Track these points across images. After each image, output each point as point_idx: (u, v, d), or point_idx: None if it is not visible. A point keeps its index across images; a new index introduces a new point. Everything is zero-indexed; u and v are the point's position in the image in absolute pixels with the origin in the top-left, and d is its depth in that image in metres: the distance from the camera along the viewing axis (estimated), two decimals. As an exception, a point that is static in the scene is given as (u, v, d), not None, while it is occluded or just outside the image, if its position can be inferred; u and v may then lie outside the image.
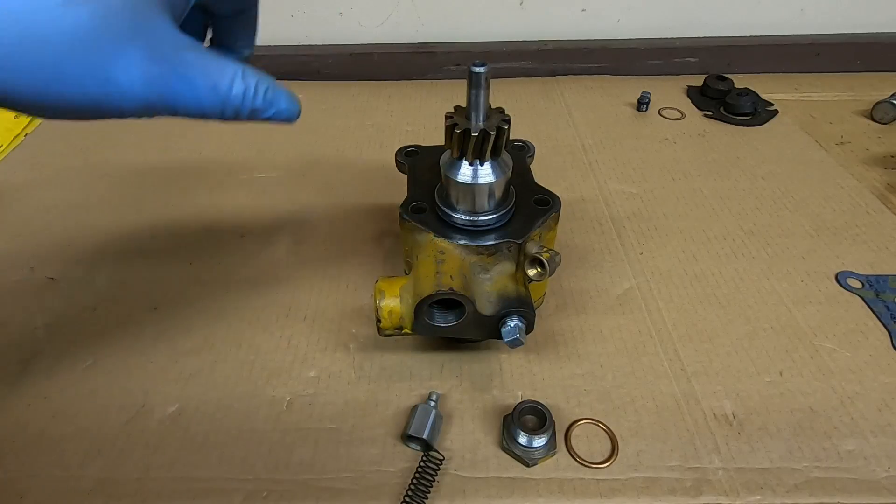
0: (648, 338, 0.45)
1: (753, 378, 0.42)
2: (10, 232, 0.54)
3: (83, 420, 0.39)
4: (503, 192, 0.38)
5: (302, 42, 0.85)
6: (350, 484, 0.35)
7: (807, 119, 0.73)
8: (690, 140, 0.69)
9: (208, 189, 0.60)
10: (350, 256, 0.52)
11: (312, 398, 0.40)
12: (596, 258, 0.52)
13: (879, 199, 0.59)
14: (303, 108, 0.30)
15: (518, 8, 0.83)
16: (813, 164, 0.65)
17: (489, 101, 0.35)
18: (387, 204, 0.58)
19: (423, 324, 0.36)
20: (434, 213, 0.40)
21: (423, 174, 0.43)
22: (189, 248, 0.53)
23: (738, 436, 0.38)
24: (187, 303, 0.47)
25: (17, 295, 0.48)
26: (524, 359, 0.43)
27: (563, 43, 0.84)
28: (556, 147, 0.67)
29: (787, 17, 0.85)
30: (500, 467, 0.36)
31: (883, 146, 0.68)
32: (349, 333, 0.45)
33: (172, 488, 0.35)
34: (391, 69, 0.83)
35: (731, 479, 0.36)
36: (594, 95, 0.79)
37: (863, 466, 0.36)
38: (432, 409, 0.37)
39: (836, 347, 0.44)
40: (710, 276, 0.50)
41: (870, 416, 0.39)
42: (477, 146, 0.36)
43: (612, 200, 0.59)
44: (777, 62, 0.84)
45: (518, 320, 0.36)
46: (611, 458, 0.37)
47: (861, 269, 0.50)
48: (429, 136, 0.69)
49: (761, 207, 0.58)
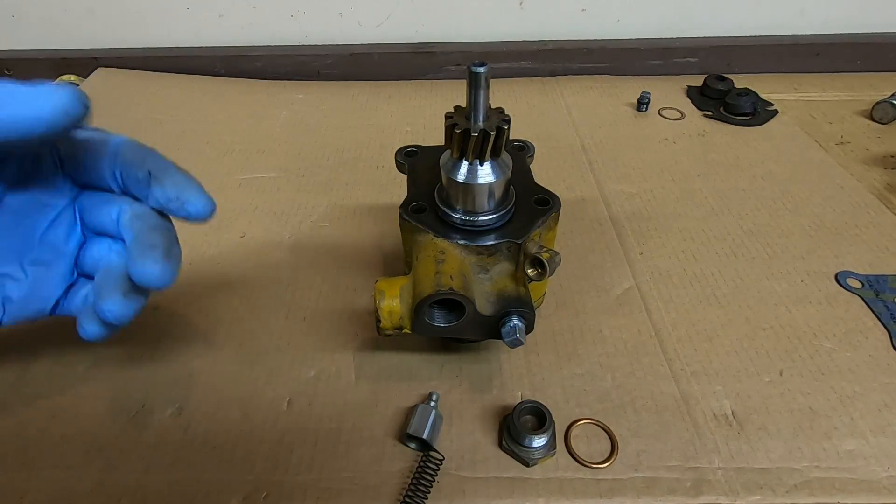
0: (648, 338, 0.45)
1: (753, 378, 0.42)
2: (10, 232, 0.54)
3: (83, 420, 0.39)
4: (503, 192, 0.38)
5: (302, 42, 0.85)
6: (349, 484, 0.35)
7: (807, 119, 0.73)
8: (690, 140, 0.69)
9: (208, 189, 0.60)
10: (350, 256, 0.52)
11: (312, 398, 0.40)
12: (596, 258, 0.52)
13: (879, 199, 0.59)
14: (303, 108, 0.30)
15: (518, 8, 0.83)
16: (813, 164, 0.65)
17: (489, 101, 0.35)
18: (387, 204, 0.58)
19: (422, 324, 0.36)
20: (434, 213, 0.40)
21: (423, 174, 0.43)
22: (189, 248, 0.53)
23: (737, 436, 0.38)
24: (187, 303, 0.47)
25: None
26: (524, 359, 0.43)
27: (563, 43, 0.84)
28: (556, 147, 0.67)
29: (787, 17, 0.85)
30: (499, 467, 0.36)
31: (883, 146, 0.68)
32: (349, 333, 0.45)
33: (172, 488, 0.35)
34: (391, 69, 0.83)
35: (731, 479, 0.36)
36: (594, 95, 0.79)
37: (863, 466, 0.36)
38: (432, 409, 0.37)
39: (835, 347, 0.44)
40: (710, 276, 0.50)
41: (870, 416, 0.39)
42: (477, 146, 0.36)
43: (612, 200, 0.59)
44: (777, 62, 0.84)
45: (518, 320, 0.36)
46: (610, 458, 0.37)
47: (861, 269, 0.50)
48: (429, 136, 0.69)
49: (761, 207, 0.58)
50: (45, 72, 0.82)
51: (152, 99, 0.77)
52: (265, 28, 0.84)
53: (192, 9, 0.82)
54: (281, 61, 0.83)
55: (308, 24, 0.84)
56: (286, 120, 0.72)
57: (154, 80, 0.81)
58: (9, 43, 0.84)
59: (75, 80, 0.81)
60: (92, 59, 0.83)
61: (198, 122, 0.72)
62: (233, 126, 0.71)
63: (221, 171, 0.63)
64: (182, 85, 0.80)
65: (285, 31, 0.84)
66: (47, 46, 0.85)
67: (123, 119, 0.72)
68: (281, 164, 0.64)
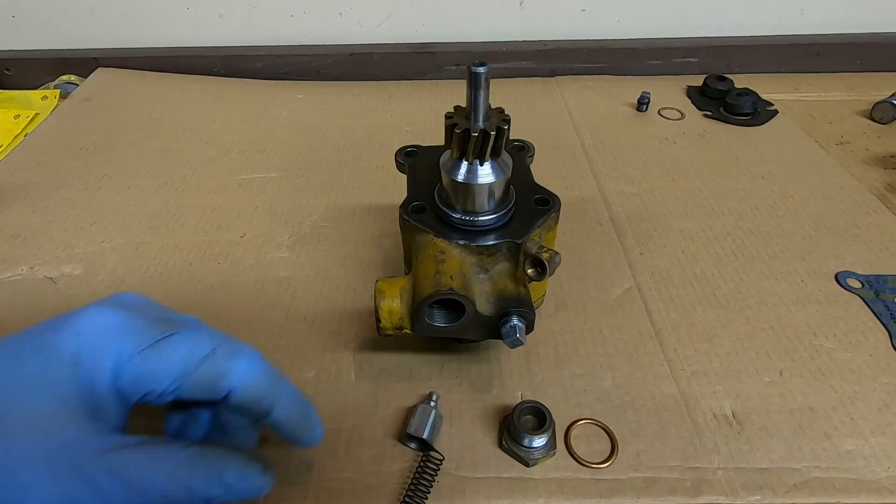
0: (648, 338, 0.45)
1: (753, 378, 0.42)
2: (10, 232, 0.54)
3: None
4: (503, 192, 0.38)
5: (302, 42, 0.85)
6: (349, 484, 0.35)
7: (807, 119, 0.73)
8: (690, 140, 0.69)
9: (208, 189, 0.60)
10: (350, 256, 0.52)
11: (312, 398, 0.40)
12: (596, 258, 0.52)
13: (879, 199, 0.59)
14: (303, 108, 0.30)
15: (518, 8, 0.83)
16: (813, 164, 0.65)
17: (489, 101, 0.35)
18: (387, 204, 0.58)
19: (422, 324, 0.36)
20: (434, 213, 0.40)
21: (423, 174, 0.43)
22: (189, 247, 0.53)
23: (737, 436, 0.38)
24: (187, 303, 0.47)
25: (17, 295, 0.48)
26: (524, 359, 0.43)
27: (563, 43, 0.84)
28: (556, 147, 0.67)
29: (787, 17, 0.85)
30: (499, 467, 0.36)
31: (883, 146, 0.68)
32: (349, 334, 0.45)
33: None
34: (391, 69, 0.83)
35: (731, 479, 0.36)
36: (594, 95, 0.79)
37: (863, 466, 0.36)
38: (432, 410, 0.37)
39: (835, 347, 0.44)
40: (710, 276, 0.50)
41: (870, 416, 0.39)
42: (477, 146, 0.36)
43: (612, 200, 0.59)
44: (777, 62, 0.84)
45: (518, 320, 0.36)
46: (610, 458, 0.37)
47: (861, 269, 0.50)
48: (429, 136, 0.69)
49: (761, 207, 0.58)
50: (45, 72, 0.82)
51: (152, 99, 0.77)
52: (265, 28, 0.84)
53: (192, 9, 0.82)
54: (281, 61, 0.82)
55: (308, 24, 0.84)
56: (286, 120, 0.72)
57: (154, 80, 0.81)
58: (9, 43, 0.84)
59: (75, 80, 0.81)
60: (92, 59, 0.83)
61: (198, 122, 0.72)
62: (233, 126, 0.71)
63: (221, 171, 0.63)
64: (182, 85, 0.80)
65: (285, 31, 0.84)
66: (47, 46, 0.84)
67: (123, 119, 0.72)
68: (281, 164, 0.64)
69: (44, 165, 0.64)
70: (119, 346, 0.24)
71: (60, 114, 0.73)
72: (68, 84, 0.81)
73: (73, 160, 0.65)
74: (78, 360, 0.23)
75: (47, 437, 0.22)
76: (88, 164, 0.64)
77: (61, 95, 0.77)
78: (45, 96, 0.77)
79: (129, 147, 0.67)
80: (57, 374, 0.22)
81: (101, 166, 0.64)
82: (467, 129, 0.35)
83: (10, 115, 0.72)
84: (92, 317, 0.24)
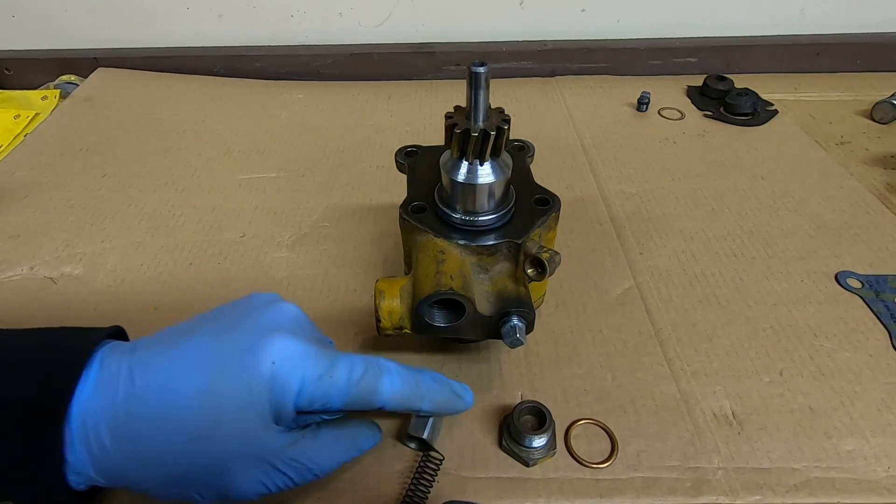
0: (648, 338, 0.45)
1: (753, 378, 0.42)
2: (10, 232, 0.54)
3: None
4: (503, 192, 0.38)
5: (301, 42, 0.85)
6: (349, 484, 0.35)
7: (807, 119, 0.73)
8: (690, 140, 0.69)
9: (208, 189, 0.60)
10: (350, 256, 0.52)
11: (312, 398, 0.40)
12: (596, 258, 0.52)
13: (879, 199, 0.59)
14: (303, 108, 0.30)
15: (518, 8, 0.83)
16: (813, 164, 0.65)
17: (489, 101, 0.35)
18: (387, 204, 0.58)
19: (422, 324, 0.36)
20: (434, 213, 0.40)
21: (423, 174, 0.43)
22: (189, 247, 0.53)
23: (737, 436, 0.38)
24: (187, 303, 0.47)
25: (17, 295, 0.48)
26: (524, 359, 0.43)
27: (563, 43, 0.84)
28: (556, 147, 0.67)
29: (787, 17, 0.85)
30: (499, 467, 0.36)
31: (883, 146, 0.68)
32: (349, 333, 0.45)
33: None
34: (391, 69, 0.83)
35: (731, 478, 0.36)
36: (594, 95, 0.79)
37: (863, 466, 0.36)
38: (432, 409, 0.37)
39: (836, 347, 0.44)
40: (710, 276, 0.50)
41: (870, 416, 0.39)
42: (477, 146, 0.36)
43: (612, 200, 0.59)
44: (777, 62, 0.84)
45: (518, 320, 0.36)
46: (610, 458, 0.37)
47: (861, 269, 0.50)
48: (429, 136, 0.69)
49: (761, 207, 0.58)
50: (45, 72, 0.82)
51: (152, 99, 0.77)
52: (265, 28, 0.84)
53: (192, 9, 0.82)
54: (281, 61, 0.82)
55: (308, 24, 0.84)
56: (286, 120, 0.72)
57: (154, 80, 0.81)
58: (9, 43, 0.84)
59: (75, 80, 0.81)
60: (92, 60, 0.83)
61: (198, 122, 0.72)
62: (233, 126, 0.71)
63: (221, 171, 0.63)
64: (182, 85, 0.80)
65: (285, 31, 0.84)
66: (47, 46, 0.84)
67: (123, 119, 0.72)
68: (281, 164, 0.64)
69: (44, 165, 0.64)
70: (302, 373, 0.30)
71: (60, 114, 0.73)
72: (68, 84, 0.81)
73: (73, 160, 0.65)
74: (272, 385, 0.29)
75: (249, 444, 0.29)
76: (88, 164, 0.64)
77: (61, 95, 0.77)
78: (45, 96, 0.77)
79: (129, 147, 0.67)
80: (258, 396, 0.29)
81: (101, 166, 0.64)
82: (467, 129, 0.35)
83: (10, 115, 0.72)
84: (284, 347, 0.30)
